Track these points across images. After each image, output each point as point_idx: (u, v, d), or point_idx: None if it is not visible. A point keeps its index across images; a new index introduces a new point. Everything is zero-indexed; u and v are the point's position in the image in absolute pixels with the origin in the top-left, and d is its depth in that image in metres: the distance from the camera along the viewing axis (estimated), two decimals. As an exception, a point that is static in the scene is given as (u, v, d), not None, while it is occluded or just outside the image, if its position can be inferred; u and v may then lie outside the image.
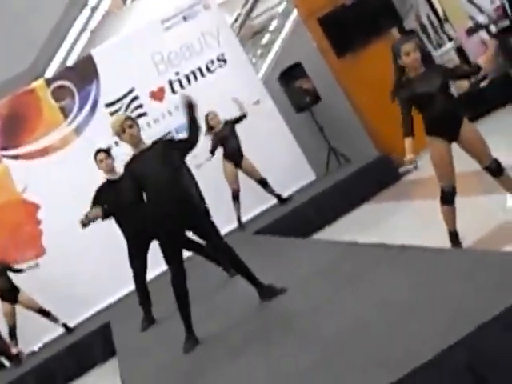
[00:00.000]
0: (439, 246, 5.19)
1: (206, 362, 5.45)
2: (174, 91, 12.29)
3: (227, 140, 10.97)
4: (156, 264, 7.54)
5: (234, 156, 11.00)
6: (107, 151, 8.34)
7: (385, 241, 6.15)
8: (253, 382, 4.40)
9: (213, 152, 10.84)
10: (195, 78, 12.42)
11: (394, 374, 3.26)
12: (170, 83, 12.34)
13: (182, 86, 12.34)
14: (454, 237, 6.00)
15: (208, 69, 12.42)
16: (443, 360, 3.24)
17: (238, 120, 11.10)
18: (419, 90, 5.88)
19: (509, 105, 11.14)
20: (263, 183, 11.12)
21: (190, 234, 6.47)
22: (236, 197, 11.01)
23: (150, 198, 5.98)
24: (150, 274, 8.18)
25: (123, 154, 6.99)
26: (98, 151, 8.30)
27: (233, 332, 5.82)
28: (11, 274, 10.73)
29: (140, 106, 12.26)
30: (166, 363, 6.05)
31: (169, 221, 5.94)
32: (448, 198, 5.97)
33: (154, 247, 6.78)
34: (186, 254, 6.51)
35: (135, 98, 12.25)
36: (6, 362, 11.77)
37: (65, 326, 10.97)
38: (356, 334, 4.12)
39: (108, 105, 12.14)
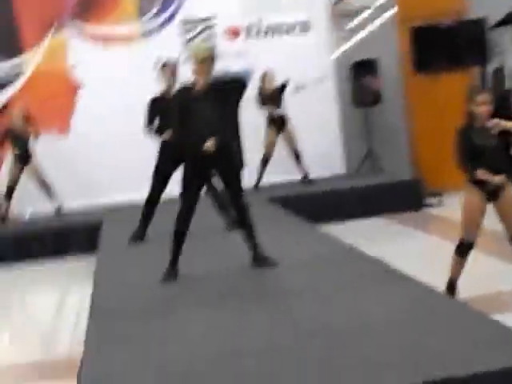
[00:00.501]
0: (431, 286, 5.22)
1: (175, 300, 5.58)
2: (248, 34, 12.27)
3: (273, 103, 11.06)
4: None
5: (277, 122, 11.08)
6: (175, 66, 8.32)
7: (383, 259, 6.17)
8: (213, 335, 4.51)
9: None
10: (273, 32, 12.36)
11: None
12: (249, 27, 12.29)
13: (258, 34, 12.29)
14: (451, 286, 5.99)
15: (289, 29, 12.35)
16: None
17: (283, 88, 11.15)
18: (477, 141, 5.88)
19: None
20: (297, 155, 11.17)
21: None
22: (265, 162, 11.10)
23: (191, 129, 6.08)
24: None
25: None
26: (166, 64, 8.32)
27: (213, 283, 5.92)
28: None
29: (212, 35, 12.14)
30: (140, 284, 6.16)
31: (201, 156, 6.03)
32: (463, 250, 5.93)
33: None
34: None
35: (211, 27, 12.20)
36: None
37: (58, 207, 11.08)
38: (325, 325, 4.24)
39: (184, 22, 12.12)
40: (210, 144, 5.89)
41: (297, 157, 11.16)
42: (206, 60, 6.02)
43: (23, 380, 5.76)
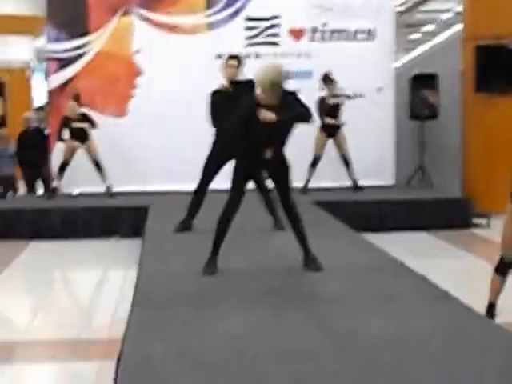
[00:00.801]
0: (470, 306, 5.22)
1: (215, 292, 5.65)
2: (312, 39, 12.29)
3: (332, 116, 11.07)
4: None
5: (330, 127, 11.11)
6: (240, 61, 8.31)
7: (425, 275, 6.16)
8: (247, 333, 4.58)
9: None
10: (338, 38, 12.35)
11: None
12: (313, 30, 12.29)
13: (323, 38, 12.31)
14: (490, 308, 5.95)
15: (354, 36, 12.34)
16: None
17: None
18: None
19: None
20: (347, 162, 11.17)
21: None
22: (314, 163, 11.12)
23: (253, 139, 6.09)
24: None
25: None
26: (233, 57, 8.33)
27: (254, 281, 5.98)
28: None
29: (274, 35, 12.26)
30: (183, 273, 6.23)
31: (256, 157, 6.12)
32: (503, 268, 5.88)
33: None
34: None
35: (274, 26, 12.26)
36: (40, 190, 12.16)
37: (108, 188, 11.18)
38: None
39: (249, 19, 12.20)
40: (269, 153, 5.99)
41: (346, 163, 11.16)
42: (276, 85, 5.92)
43: (62, 357, 5.77)
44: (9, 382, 5.26)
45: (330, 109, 11.00)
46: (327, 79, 11.06)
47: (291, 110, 6.00)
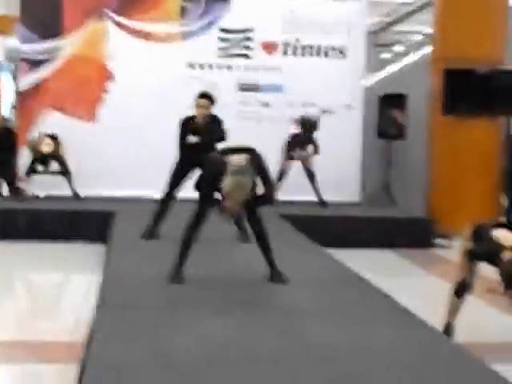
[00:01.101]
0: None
1: (182, 300, 5.67)
2: (284, 53, 12.40)
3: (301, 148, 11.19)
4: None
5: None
6: (211, 100, 8.22)
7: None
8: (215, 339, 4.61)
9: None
10: (310, 53, 12.45)
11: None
12: (285, 44, 12.38)
13: (294, 53, 12.41)
14: (447, 328, 6.05)
15: (325, 52, 12.44)
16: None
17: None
18: None
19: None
20: (311, 177, 11.24)
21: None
22: (281, 176, 11.18)
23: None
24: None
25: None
26: (204, 95, 8.23)
27: (220, 289, 6.03)
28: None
29: (247, 48, 12.35)
30: (148, 279, 6.22)
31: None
32: (460, 290, 5.98)
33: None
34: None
35: (248, 39, 12.34)
36: (5, 192, 12.06)
37: (75, 192, 11.15)
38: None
39: (222, 30, 12.26)
40: None
41: (311, 178, 11.26)
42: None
43: (21, 360, 5.67)
44: None
45: (300, 143, 11.14)
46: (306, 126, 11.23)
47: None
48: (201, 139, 7.82)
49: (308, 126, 11.14)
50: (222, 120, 7.99)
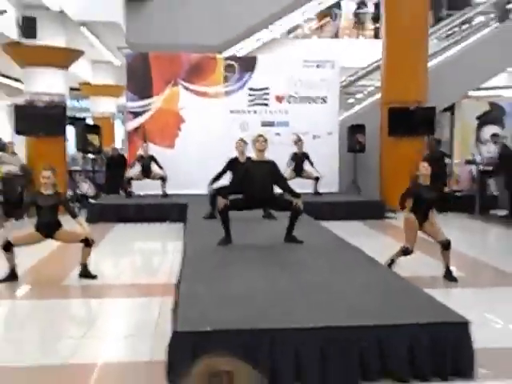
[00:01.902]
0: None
1: (233, 257, 5.77)
2: (289, 101, 12.36)
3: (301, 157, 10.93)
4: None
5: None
6: (244, 141, 8.09)
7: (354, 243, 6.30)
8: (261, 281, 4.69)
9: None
10: (305, 101, 12.38)
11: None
12: (289, 96, 12.35)
13: (295, 102, 12.34)
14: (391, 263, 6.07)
15: (314, 100, 12.39)
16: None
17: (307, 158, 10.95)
18: (425, 195, 6.00)
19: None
20: (317, 179, 11.05)
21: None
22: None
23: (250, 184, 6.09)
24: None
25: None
26: (241, 140, 8.16)
27: (256, 250, 6.13)
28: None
29: (266, 99, 12.31)
30: (211, 244, 6.22)
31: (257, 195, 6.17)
32: (405, 253, 6.06)
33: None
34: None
35: (266, 94, 12.31)
36: (122, 192, 12.05)
37: (164, 191, 11.10)
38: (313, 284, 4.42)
39: (250, 88, 12.24)
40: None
41: (316, 179, 11.05)
42: (258, 139, 6.11)
43: (136, 295, 5.76)
44: (99, 313, 5.31)
45: (298, 161, 10.88)
46: (298, 143, 10.94)
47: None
48: None
49: (299, 142, 10.92)
50: None
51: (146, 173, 11.04)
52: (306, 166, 10.89)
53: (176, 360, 3.31)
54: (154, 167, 11.02)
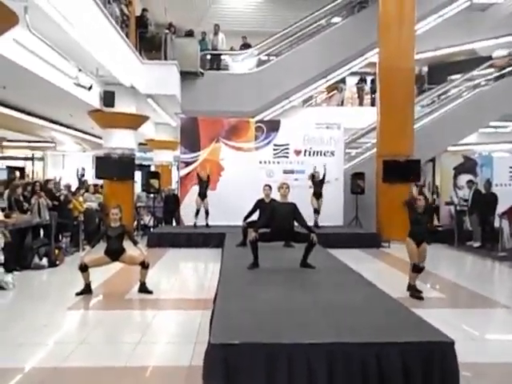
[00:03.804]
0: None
1: (260, 278, 5.58)
2: (304, 154, 12.28)
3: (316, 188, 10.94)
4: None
5: (316, 194, 10.92)
6: (269, 186, 8.04)
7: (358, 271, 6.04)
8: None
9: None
10: (317, 154, 12.32)
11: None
12: (305, 150, 12.30)
13: (310, 155, 12.26)
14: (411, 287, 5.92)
15: (324, 154, 12.28)
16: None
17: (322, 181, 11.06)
18: (419, 217, 5.86)
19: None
20: (317, 212, 10.91)
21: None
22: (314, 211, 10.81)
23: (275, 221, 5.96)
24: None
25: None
26: (267, 185, 8.10)
27: (278, 273, 5.93)
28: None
29: (287, 152, 12.25)
30: (243, 267, 6.05)
31: (281, 230, 6.01)
32: (416, 269, 5.89)
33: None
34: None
35: (287, 148, 12.28)
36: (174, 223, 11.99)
37: (207, 222, 10.97)
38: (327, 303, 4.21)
39: (275, 144, 12.23)
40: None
41: (317, 212, 10.88)
42: (283, 185, 6.03)
43: (181, 308, 5.60)
44: (152, 322, 5.13)
45: (316, 185, 10.92)
46: (313, 177, 11.01)
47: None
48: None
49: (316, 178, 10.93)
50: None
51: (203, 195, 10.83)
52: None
53: (210, 367, 3.15)
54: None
